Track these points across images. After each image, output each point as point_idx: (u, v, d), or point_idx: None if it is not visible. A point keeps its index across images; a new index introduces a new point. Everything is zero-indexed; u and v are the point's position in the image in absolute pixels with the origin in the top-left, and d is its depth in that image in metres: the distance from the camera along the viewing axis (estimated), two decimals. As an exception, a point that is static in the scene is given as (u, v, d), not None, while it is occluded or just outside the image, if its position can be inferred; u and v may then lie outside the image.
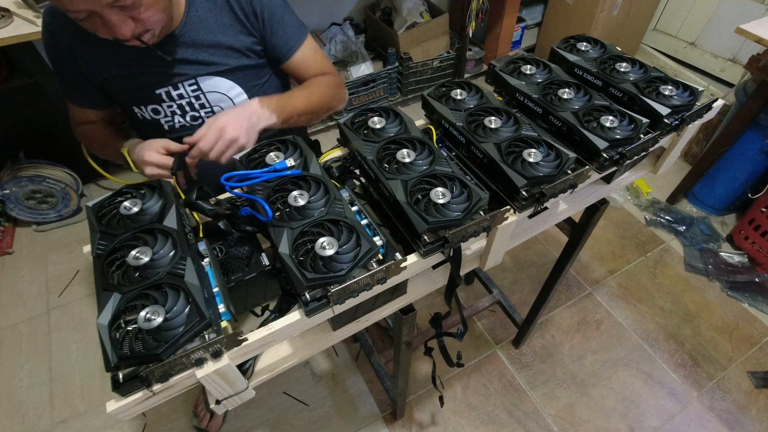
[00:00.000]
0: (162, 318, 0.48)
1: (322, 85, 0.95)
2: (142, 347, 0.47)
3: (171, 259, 0.55)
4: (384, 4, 2.37)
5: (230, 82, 0.92)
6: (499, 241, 0.69)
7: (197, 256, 0.59)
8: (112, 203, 0.63)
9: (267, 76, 0.98)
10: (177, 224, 0.59)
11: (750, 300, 1.73)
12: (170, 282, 0.52)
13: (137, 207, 0.61)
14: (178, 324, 0.48)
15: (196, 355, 0.49)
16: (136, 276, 0.53)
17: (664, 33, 2.77)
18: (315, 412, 1.44)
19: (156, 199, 0.63)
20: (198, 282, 0.52)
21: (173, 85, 0.88)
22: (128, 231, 0.58)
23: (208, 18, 0.85)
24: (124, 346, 0.47)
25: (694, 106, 0.77)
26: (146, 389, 0.49)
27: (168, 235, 0.57)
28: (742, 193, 1.88)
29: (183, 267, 0.53)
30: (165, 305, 0.49)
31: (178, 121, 0.94)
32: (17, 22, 1.45)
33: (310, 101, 0.91)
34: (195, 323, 0.49)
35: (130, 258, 0.54)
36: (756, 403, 1.47)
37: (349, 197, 0.68)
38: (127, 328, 0.49)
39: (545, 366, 1.55)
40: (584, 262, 1.87)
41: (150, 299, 0.50)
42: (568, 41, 0.92)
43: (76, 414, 1.43)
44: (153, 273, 0.53)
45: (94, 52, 0.83)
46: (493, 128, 0.71)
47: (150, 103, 0.89)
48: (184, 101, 0.91)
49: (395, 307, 0.73)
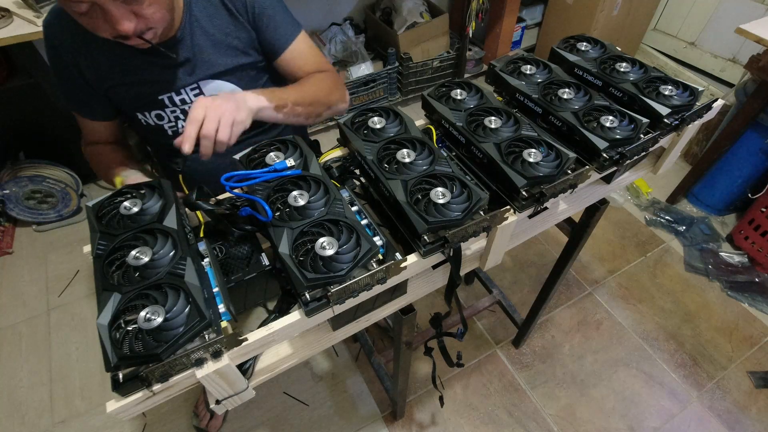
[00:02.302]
0: (162, 318, 0.48)
1: (316, 80, 0.93)
2: (142, 347, 0.47)
3: (171, 259, 0.55)
4: (384, 4, 2.37)
5: (231, 84, 0.92)
6: (499, 241, 0.69)
7: (197, 256, 0.59)
8: (112, 203, 0.63)
9: (266, 76, 0.98)
10: (177, 224, 0.59)
11: (750, 300, 1.73)
12: (170, 282, 0.52)
13: (137, 207, 0.61)
14: (178, 324, 0.48)
15: (196, 355, 0.49)
16: (136, 276, 0.53)
17: (664, 33, 2.77)
18: (315, 412, 1.44)
19: (156, 199, 0.63)
20: (198, 282, 0.52)
21: (176, 90, 0.88)
22: (128, 231, 0.58)
23: (205, 18, 0.85)
24: (124, 346, 0.47)
25: (694, 106, 0.77)
26: (146, 389, 0.49)
27: (168, 235, 0.57)
28: (742, 193, 1.88)
29: (183, 267, 0.54)
30: (165, 305, 0.50)
31: (181, 126, 0.93)
32: (17, 22, 1.44)
33: (303, 91, 0.88)
34: (195, 323, 0.49)
35: (130, 258, 0.54)
36: (756, 403, 1.47)
37: (349, 197, 0.68)
38: (127, 328, 0.49)
39: (545, 366, 1.55)
40: (584, 262, 1.87)
41: (150, 299, 0.50)
42: (568, 41, 0.92)
43: (76, 414, 1.43)
44: (153, 273, 0.53)
45: (97, 60, 0.83)
46: (493, 128, 0.71)
47: (153, 109, 0.89)
48: (187, 106, 0.90)
49: (395, 307, 0.73)
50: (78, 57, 0.82)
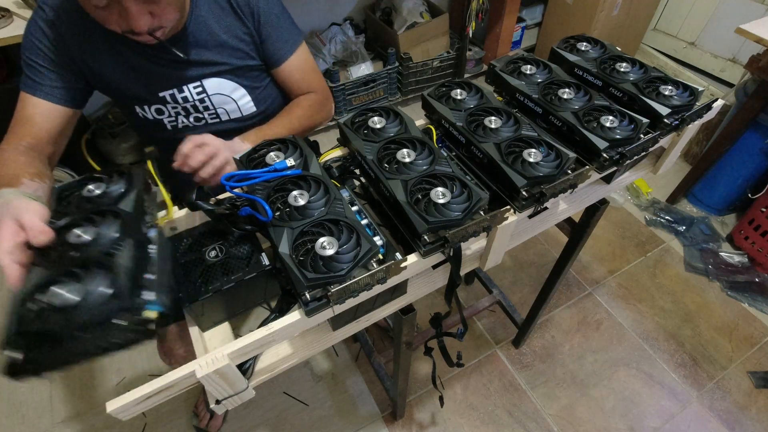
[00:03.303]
0: (75, 297, 0.47)
1: (304, 108, 0.96)
2: (44, 326, 0.46)
3: (112, 240, 0.53)
4: (384, 4, 2.37)
5: (233, 83, 0.92)
6: (499, 241, 0.69)
7: (146, 241, 0.57)
8: (78, 186, 0.63)
9: (269, 78, 0.98)
10: (133, 209, 0.58)
11: (750, 300, 1.73)
12: (99, 260, 0.51)
13: (100, 190, 0.61)
14: (92, 305, 0.48)
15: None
16: (70, 254, 0.52)
17: (664, 33, 2.77)
18: (315, 412, 1.44)
19: (123, 184, 0.62)
20: (131, 264, 0.51)
21: (178, 88, 0.88)
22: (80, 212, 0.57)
23: (211, 17, 0.85)
24: (30, 326, 0.46)
25: (694, 106, 0.77)
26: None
27: (119, 217, 0.56)
28: (742, 193, 1.88)
29: (120, 249, 0.52)
30: (84, 285, 0.49)
31: (181, 122, 0.93)
32: (17, 22, 1.44)
33: (291, 126, 0.91)
34: (115, 306, 0.48)
35: (72, 236, 0.53)
36: (756, 403, 1.47)
37: (349, 197, 0.68)
38: (33, 306, 0.47)
39: (545, 366, 1.55)
40: (584, 262, 1.87)
41: (71, 277, 0.49)
42: (568, 41, 0.92)
43: (76, 414, 1.43)
44: (83, 255, 0.52)
45: (99, 54, 0.82)
46: (493, 128, 0.71)
47: (154, 103, 0.89)
48: (189, 104, 0.90)
49: (395, 307, 0.73)
50: (79, 45, 0.81)
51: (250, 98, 0.96)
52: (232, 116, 0.96)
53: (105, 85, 0.87)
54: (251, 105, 0.97)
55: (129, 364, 1.54)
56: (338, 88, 2.23)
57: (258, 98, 0.97)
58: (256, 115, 0.99)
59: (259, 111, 0.99)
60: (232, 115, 0.96)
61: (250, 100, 0.96)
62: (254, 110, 0.98)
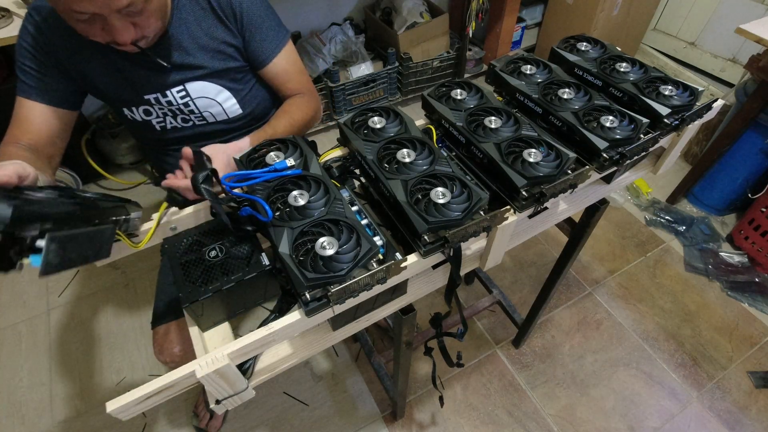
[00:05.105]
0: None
1: (297, 108, 0.96)
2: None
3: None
4: (384, 4, 2.37)
5: (217, 86, 0.91)
6: (499, 241, 0.69)
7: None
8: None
9: (254, 79, 0.98)
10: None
11: (750, 300, 1.73)
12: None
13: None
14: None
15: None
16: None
17: (664, 33, 2.77)
18: (315, 412, 1.44)
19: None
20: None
21: (162, 92, 0.88)
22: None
23: (192, 20, 0.85)
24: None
25: (694, 106, 0.77)
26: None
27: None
28: (742, 193, 1.88)
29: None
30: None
31: (170, 123, 0.94)
32: (17, 22, 1.45)
33: (293, 127, 0.91)
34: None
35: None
36: (756, 403, 1.47)
37: (349, 197, 0.68)
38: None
39: (545, 366, 1.55)
40: (584, 262, 1.87)
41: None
42: (568, 41, 0.92)
43: (76, 414, 1.43)
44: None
45: (87, 58, 0.83)
46: (493, 128, 0.71)
47: (140, 105, 0.89)
48: (174, 107, 0.90)
49: (395, 307, 0.73)
50: (67, 49, 0.81)
51: (235, 101, 0.95)
52: (218, 119, 0.96)
53: (93, 88, 0.88)
54: (237, 107, 0.96)
55: (129, 364, 1.55)
56: (338, 88, 2.23)
57: (244, 100, 0.97)
58: (242, 117, 0.99)
59: (245, 113, 0.98)
60: (218, 118, 0.96)
61: (236, 102, 0.96)
62: (240, 112, 0.98)
